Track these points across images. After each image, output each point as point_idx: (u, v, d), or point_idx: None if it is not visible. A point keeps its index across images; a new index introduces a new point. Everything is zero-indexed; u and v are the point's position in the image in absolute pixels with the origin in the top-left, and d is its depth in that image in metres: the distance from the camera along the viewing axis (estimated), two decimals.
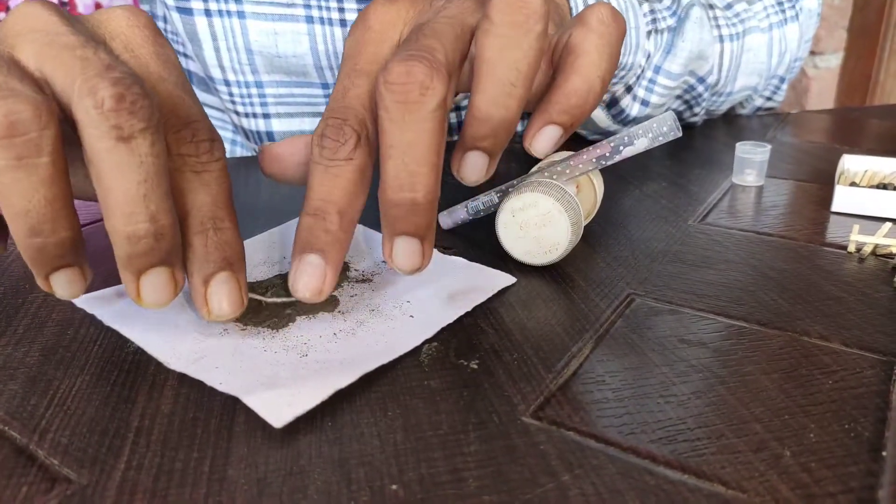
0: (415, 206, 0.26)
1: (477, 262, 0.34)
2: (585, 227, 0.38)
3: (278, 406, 0.23)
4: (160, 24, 0.60)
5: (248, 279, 0.32)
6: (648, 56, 0.50)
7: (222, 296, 0.26)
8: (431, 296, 0.31)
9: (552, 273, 0.34)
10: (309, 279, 0.27)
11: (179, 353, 0.26)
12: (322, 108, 0.56)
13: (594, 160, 0.33)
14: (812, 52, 1.41)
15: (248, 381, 0.25)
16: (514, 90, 0.27)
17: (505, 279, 0.33)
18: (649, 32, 0.49)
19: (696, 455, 0.22)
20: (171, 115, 0.26)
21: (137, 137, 0.23)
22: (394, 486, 0.21)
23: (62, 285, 0.25)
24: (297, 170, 0.31)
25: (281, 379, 0.25)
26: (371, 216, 0.31)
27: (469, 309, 0.30)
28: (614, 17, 0.29)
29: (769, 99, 0.65)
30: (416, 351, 0.27)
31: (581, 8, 0.42)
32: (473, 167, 0.29)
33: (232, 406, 0.25)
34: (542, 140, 0.29)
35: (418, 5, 0.31)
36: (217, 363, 0.26)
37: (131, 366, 0.27)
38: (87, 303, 0.29)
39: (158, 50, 0.28)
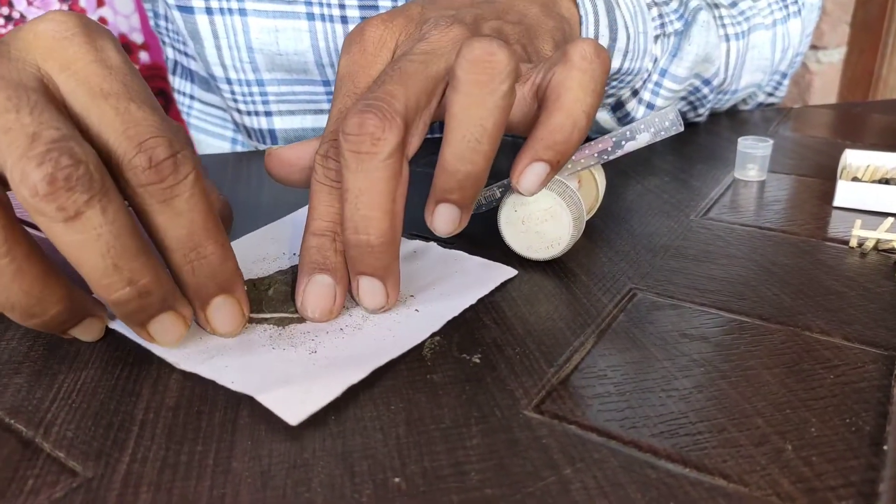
0: (370, 248, 0.27)
1: (478, 256, 0.34)
2: (587, 221, 0.39)
3: (292, 403, 0.23)
4: (161, 23, 0.60)
5: (248, 276, 0.32)
6: (655, 60, 0.50)
7: (222, 318, 0.27)
8: (435, 289, 0.31)
9: (554, 268, 0.34)
10: (319, 300, 0.28)
11: (188, 353, 0.26)
12: (323, 105, 0.56)
13: (596, 155, 0.33)
14: (815, 47, 1.40)
15: (259, 379, 0.25)
16: (479, 146, 0.27)
17: (506, 271, 0.33)
18: (657, 37, 0.49)
19: (697, 449, 0.22)
20: (121, 139, 0.24)
21: (85, 211, 0.22)
22: (396, 479, 0.21)
23: (83, 335, 0.27)
24: (301, 174, 0.32)
25: (292, 376, 0.25)
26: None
27: (473, 301, 0.30)
28: (597, 52, 0.29)
29: (771, 95, 0.65)
30: (419, 345, 0.28)
31: (591, 25, 0.42)
32: (444, 219, 0.29)
33: (236, 400, 0.25)
34: (529, 177, 0.29)
35: (409, 27, 0.32)
36: (227, 362, 0.26)
37: (136, 360, 0.27)
38: None
39: (95, 57, 0.25)
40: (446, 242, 0.36)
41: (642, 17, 0.47)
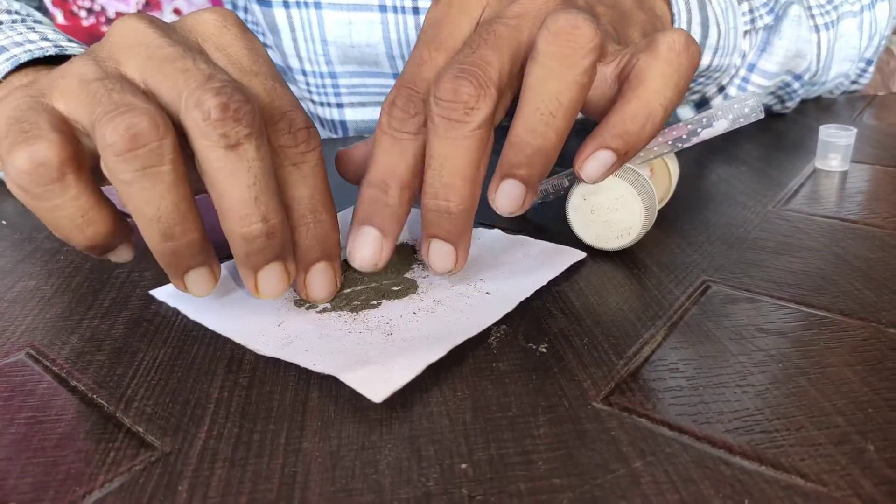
0: (447, 214, 0.27)
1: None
2: (659, 211, 0.38)
3: (375, 382, 0.24)
4: (241, 15, 0.62)
5: None
6: (743, 55, 0.48)
7: (319, 284, 0.28)
8: (504, 273, 0.31)
9: (624, 258, 0.33)
10: (367, 251, 0.29)
11: (267, 339, 0.27)
12: None
13: (670, 143, 0.32)
14: None
15: (340, 360, 0.25)
16: (552, 120, 0.27)
17: (575, 254, 0.33)
18: (746, 32, 0.48)
19: (773, 446, 0.21)
20: (267, 108, 0.27)
21: (244, 143, 0.24)
22: (463, 465, 0.21)
23: (196, 284, 0.27)
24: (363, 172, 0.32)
25: (372, 357, 0.25)
26: None
27: (545, 283, 0.30)
28: (687, 45, 0.28)
29: (854, 83, 0.62)
30: (485, 333, 0.28)
31: (683, 23, 0.40)
32: (508, 196, 0.28)
33: (306, 381, 0.25)
34: (593, 164, 0.28)
35: None
36: (306, 346, 0.26)
37: (211, 339, 0.28)
38: (168, 297, 0.30)
39: (248, 45, 0.28)
40: (511, 230, 0.36)
41: (733, 11, 0.45)
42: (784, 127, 0.53)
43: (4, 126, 0.25)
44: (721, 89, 0.50)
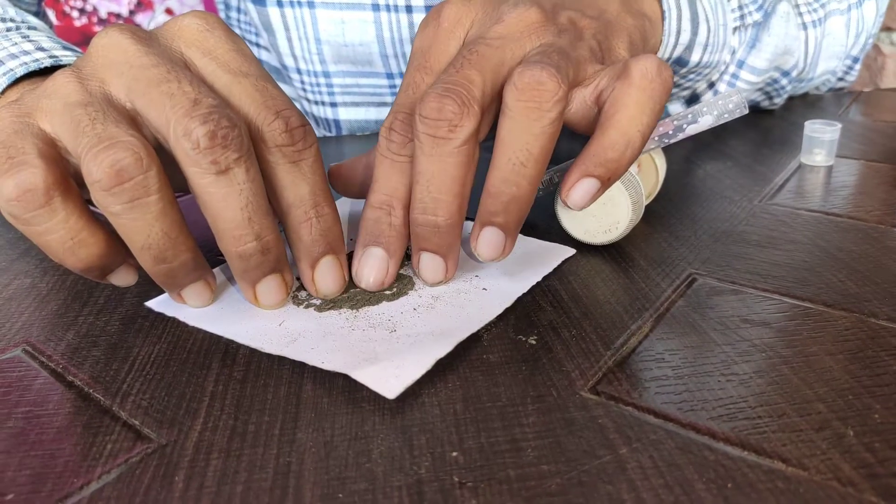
0: (436, 229, 0.28)
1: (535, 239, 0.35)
2: (646, 206, 0.38)
3: (386, 378, 0.24)
4: (235, 15, 0.62)
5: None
6: (733, 52, 0.49)
7: (328, 277, 0.29)
8: (498, 270, 0.32)
9: (612, 252, 0.34)
10: (372, 271, 0.30)
11: (271, 338, 0.27)
12: (387, 98, 0.57)
13: (656, 138, 0.33)
14: (888, 28, 1.35)
15: (348, 358, 0.26)
16: (524, 170, 0.28)
17: (565, 251, 0.33)
18: (735, 28, 0.48)
19: (756, 433, 0.22)
20: (261, 108, 0.27)
21: (234, 167, 0.25)
22: (454, 453, 0.22)
23: (193, 297, 0.29)
24: (358, 188, 0.34)
25: (379, 354, 0.26)
26: None
27: (539, 279, 0.31)
28: (660, 71, 0.28)
29: (841, 80, 0.63)
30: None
31: (674, 20, 0.41)
32: (488, 243, 0.29)
33: (300, 374, 0.26)
34: (579, 192, 0.29)
35: (487, 6, 0.32)
36: (311, 344, 0.27)
37: (206, 335, 0.28)
38: (166, 308, 0.30)
39: (234, 46, 0.29)
40: None
41: (722, 8, 0.46)
42: (770, 123, 0.54)
43: None
44: (711, 85, 0.51)
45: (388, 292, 0.30)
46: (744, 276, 0.31)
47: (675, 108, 0.53)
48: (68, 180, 0.26)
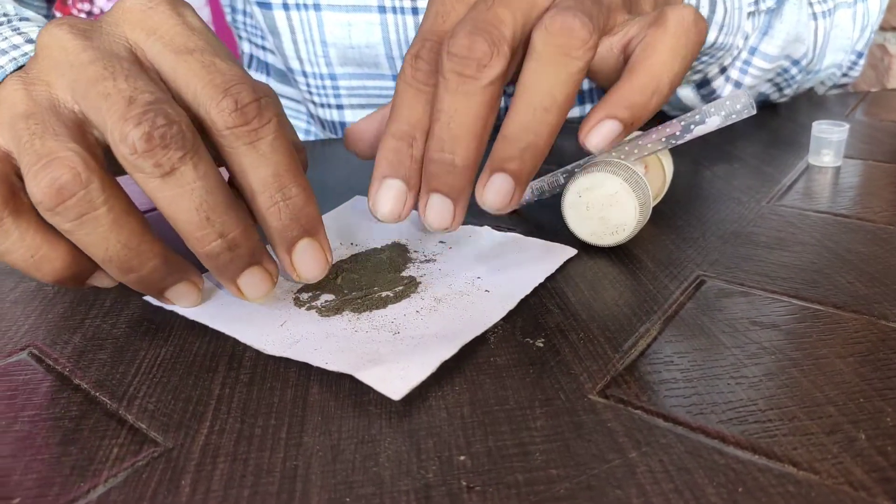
0: (451, 167, 0.27)
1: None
2: (654, 208, 0.38)
3: (391, 380, 0.24)
4: (241, 18, 0.62)
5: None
6: (746, 37, 0.49)
7: (307, 261, 0.28)
8: (500, 271, 0.32)
9: (619, 254, 0.34)
10: (390, 202, 0.28)
11: (273, 339, 0.27)
12: None
13: (663, 139, 0.33)
14: (895, 28, 1.34)
15: (352, 359, 0.25)
16: (545, 116, 0.27)
17: (567, 251, 0.33)
18: (750, 13, 0.48)
19: (767, 436, 0.22)
20: (207, 87, 0.25)
21: (179, 167, 0.24)
22: (462, 457, 0.21)
23: (179, 298, 0.28)
24: (375, 144, 0.32)
25: (383, 355, 0.25)
26: None
27: (542, 279, 0.31)
28: (696, 21, 0.28)
29: (845, 75, 0.63)
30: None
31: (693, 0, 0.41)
32: (497, 191, 0.28)
33: (306, 377, 0.25)
34: (598, 134, 0.29)
35: None
36: (315, 346, 0.27)
37: (212, 337, 0.28)
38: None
39: (179, 21, 0.27)
40: (504, 228, 0.36)
41: None
42: (777, 124, 0.54)
43: None
44: (723, 70, 0.51)
45: (390, 294, 0.30)
46: (752, 278, 0.31)
47: (686, 92, 0.53)
48: (19, 197, 0.25)
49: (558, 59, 0.26)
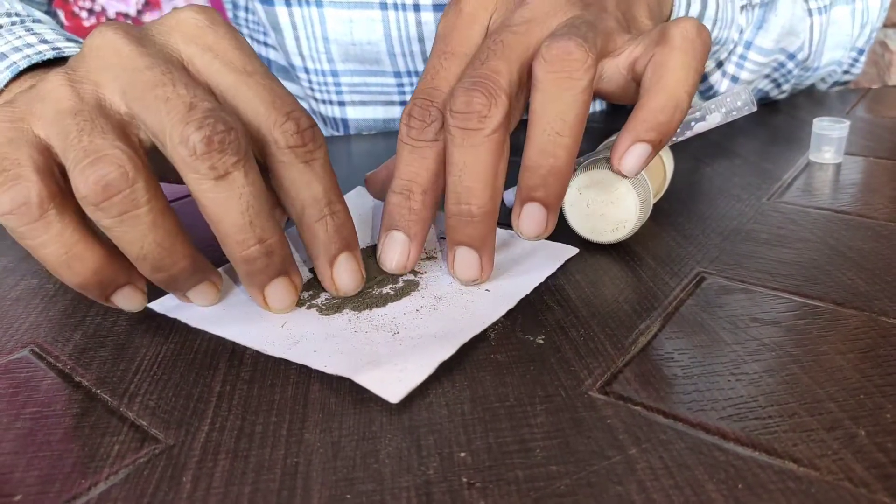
0: (470, 218, 0.28)
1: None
2: (654, 205, 0.38)
3: (390, 382, 0.24)
4: (243, 14, 0.62)
5: (308, 264, 0.33)
6: (741, 31, 0.49)
7: (346, 274, 0.29)
8: (501, 269, 0.32)
9: (619, 251, 0.34)
10: (394, 255, 0.30)
11: (273, 340, 0.27)
12: (394, 97, 0.57)
13: None
14: None
15: (351, 361, 0.25)
16: (560, 139, 0.28)
17: (569, 250, 0.33)
18: (743, 7, 0.48)
19: (767, 432, 0.22)
20: (270, 109, 0.27)
21: (232, 172, 0.25)
22: (462, 454, 0.21)
23: (199, 297, 0.29)
24: (386, 189, 0.33)
25: (382, 356, 0.26)
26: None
27: (542, 279, 0.31)
28: (699, 32, 0.29)
29: (847, 73, 0.63)
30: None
31: (684, 5, 0.41)
32: (530, 219, 0.30)
33: (307, 374, 0.25)
34: (632, 159, 0.29)
35: None
36: (314, 347, 0.27)
37: (212, 335, 0.28)
38: (167, 309, 0.30)
39: (236, 44, 0.28)
40: (503, 226, 0.36)
41: None
42: (778, 120, 0.54)
43: None
44: (719, 65, 0.51)
45: (391, 292, 0.30)
46: (753, 275, 0.31)
47: None
48: (64, 192, 0.26)
49: (561, 83, 0.28)
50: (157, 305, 0.30)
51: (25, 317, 0.30)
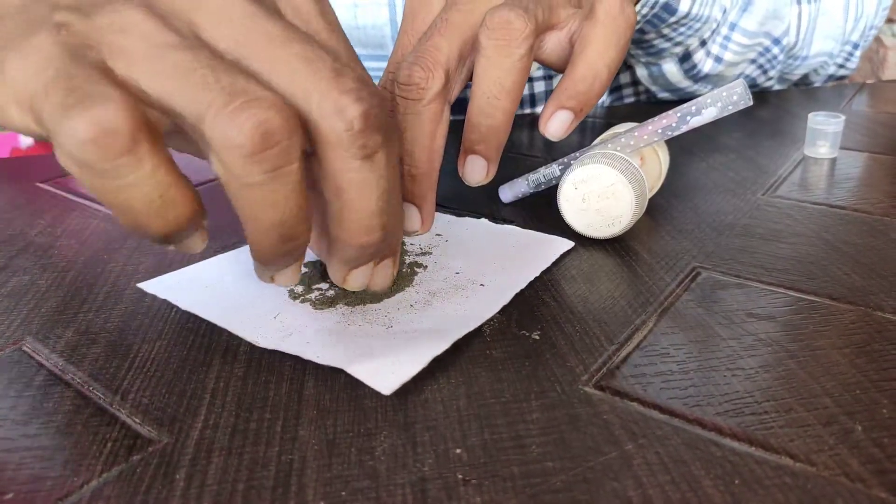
0: (410, 178, 0.31)
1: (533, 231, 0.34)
2: (650, 200, 0.38)
3: (383, 374, 0.24)
4: None
5: (307, 258, 0.32)
6: (724, 11, 0.49)
7: (382, 278, 0.28)
8: (496, 264, 0.31)
9: (615, 246, 0.34)
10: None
11: (265, 332, 0.27)
12: None
13: (659, 131, 0.33)
14: (890, 20, 1.34)
15: (344, 353, 0.25)
16: (497, 102, 0.30)
17: (564, 243, 0.33)
18: None
19: (763, 428, 0.22)
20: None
21: (378, 152, 0.22)
22: (458, 450, 0.21)
23: (285, 279, 0.26)
24: None
25: (375, 349, 0.25)
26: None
27: (538, 274, 0.31)
28: (622, 8, 0.31)
29: (841, 66, 0.63)
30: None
31: None
32: (472, 168, 0.32)
33: (301, 371, 0.25)
34: (554, 123, 0.32)
35: None
36: (307, 339, 0.26)
37: (206, 331, 0.28)
38: (158, 289, 0.30)
39: (323, 8, 0.25)
40: (500, 220, 0.36)
41: None
42: (773, 115, 0.54)
43: (39, 82, 0.20)
44: (703, 43, 0.52)
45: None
46: (748, 270, 0.31)
47: (670, 66, 0.53)
48: (154, 126, 0.21)
49: (500, 50, 0.30)
50: (148, 286, 0.30)
51: (17, 314, 0.30)
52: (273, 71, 0.22)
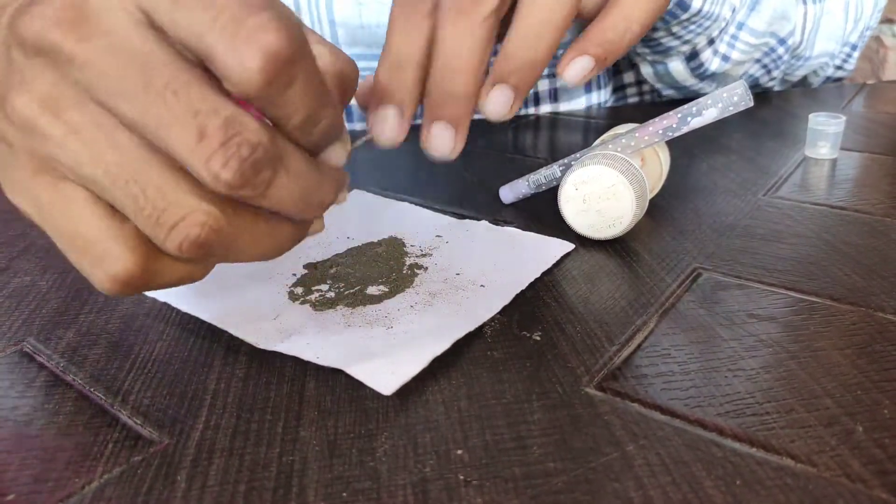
0: (453, 98, 0.29)
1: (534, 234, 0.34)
2: (650, 200, 0.38)
3: (383, 375, 0.24)
4: None
5: (307, 260, 0.32)
6: (734, 10, 0.49)
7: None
8: (496, 265, 0.31)
9: (616, 247, 0.34)
10: (387, 129, 0.29)
11: (266, 333, 0.27)
12: None
13: (660, 132, 0.33)
14: (889, 20, 1.34)
15: (343, 353, 0.25)
16: (543, 34, 0.28)
17: (564, 245, 0.33)
18: None
19: (764, 429, 0.22)
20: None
21: (275, 181, 0.21)
22: (459, 451, 0.21)
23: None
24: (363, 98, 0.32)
25: (375, 350, 0.25)
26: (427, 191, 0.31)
27: (538, 275, 0.31)
28: None
29: (840, 68, 0.63)
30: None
31: None
32: (496, 101, 0.30)
33: (302, 372, 0.25)
34: (574, 68, 0.30)
35: None
36: (307, 340, 0.26)
37: (207, 332, 0.28)
38: (158, 292, 0.30)
39: None
40: (501, 222, 0.36)
41: None
42: (773, 116, 0.54)
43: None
44: (711, 42, 0.51)
45: (385, 288, 0.30)
46: (749, 271, 0.31)
47: (676, 65, 0.53)
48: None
49: None
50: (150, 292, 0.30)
51: (18, 315, 0.30)
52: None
